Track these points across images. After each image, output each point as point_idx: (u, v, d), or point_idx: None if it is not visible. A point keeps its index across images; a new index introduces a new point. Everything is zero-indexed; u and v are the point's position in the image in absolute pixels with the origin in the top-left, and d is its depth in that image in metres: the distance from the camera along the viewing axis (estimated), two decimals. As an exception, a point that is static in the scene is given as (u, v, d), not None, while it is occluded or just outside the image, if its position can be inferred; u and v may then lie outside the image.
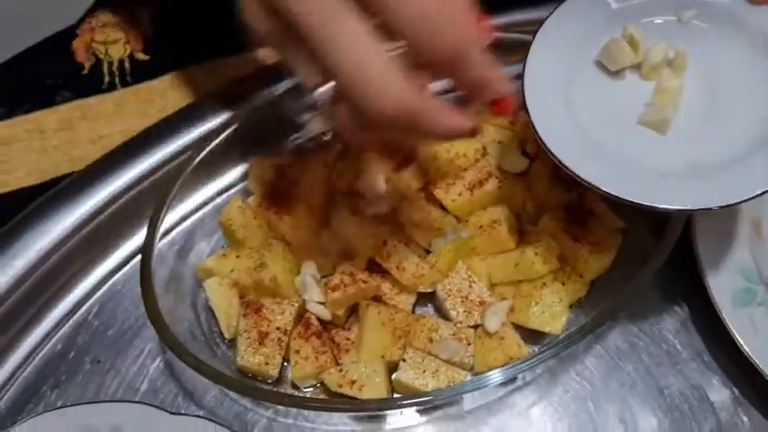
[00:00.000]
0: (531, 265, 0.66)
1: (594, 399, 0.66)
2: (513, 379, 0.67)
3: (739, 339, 0.63)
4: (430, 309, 0.70)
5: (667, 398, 0.66)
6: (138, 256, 0.69)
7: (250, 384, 0.64)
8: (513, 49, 0.71)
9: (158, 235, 0.67)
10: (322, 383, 0.65)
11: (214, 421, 0.62)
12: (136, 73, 0.88)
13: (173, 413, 0.62)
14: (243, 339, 0.65)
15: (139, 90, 0.87)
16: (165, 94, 0.86)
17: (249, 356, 0.65)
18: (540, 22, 0.65)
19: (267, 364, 0.65)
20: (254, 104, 0.73)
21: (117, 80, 0.88)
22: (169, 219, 0.74)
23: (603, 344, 0.69)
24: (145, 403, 0.63)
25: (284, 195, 0.72)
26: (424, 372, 0.63)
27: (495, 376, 0.58)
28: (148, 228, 0.66)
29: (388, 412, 0.66)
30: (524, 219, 0.73)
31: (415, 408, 0.66)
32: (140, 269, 0.65)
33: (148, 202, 0.70)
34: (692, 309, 0.70)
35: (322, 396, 0.66)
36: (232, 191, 0.78)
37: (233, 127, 0.72)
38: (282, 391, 0.66)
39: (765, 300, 0.66)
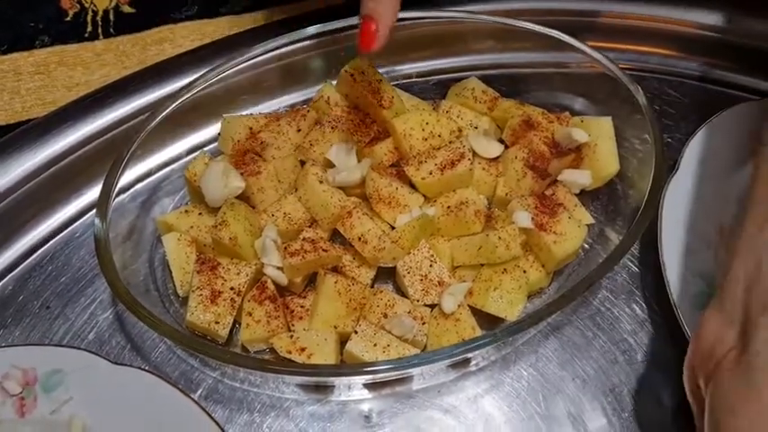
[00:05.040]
0: (493, 249, 0.65)
1: (546, 391, 0.65)
2: (466, 363, 0.66)
3: (695, 343, 0.63)
4: (390, 287, 0.70)
5: (618, 396, 0.65)
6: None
7: (197, 340, 0.63)
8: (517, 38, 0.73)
9: (116, 185, 0.65)
10: (272, 349, 0.64)
11: (156, 375, 0.61)
12: (119, 25, 0.87)
13: (115, 363, 0.61)
14: (195, 296, 0.64)
15: (121, 42, 0.86)
16: (146, 48, 0.85)
17: (199, 313, 0.63)
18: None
19: (217, 323, 0.63)
20: (232, 64, 0.72)
21: (100, 30, 0.87)
22: (136, 171, 0.73)
23: (560, 337, 0.68)
24: (86, 350, 0.62)
25: (253, 157, 0.71)
26: (375, 345, 0.62)
27: (444, 354, 0.58)
28: (106, 177, 0.65)
29: (335, 384, 0.65)
30: (494, 204, 0.72)
31: (362, 382, 0.65)
32: (95, 217, 0.63)
33: (117, 151, 0.69)
34: (651, 310, 0.69)
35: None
36: (205, 150, 0.76)
37: (205, 84, 0.70)
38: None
39: (725, 307, 0.65)
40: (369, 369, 0.59)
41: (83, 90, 0.81)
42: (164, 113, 0.68)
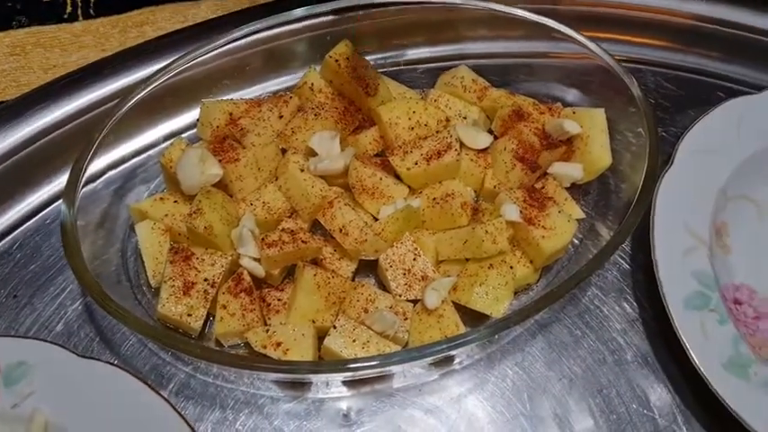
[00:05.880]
0: (479, 243, 0.62)
1: (531, 390, 0.63)
2: (449, 361, 0.64)
3: (687, 343, 0.60)
4: (371, 281, 0.67)
5: (606, 398, 0.63)
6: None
7: (167, 333, 0.60)
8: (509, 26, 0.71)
9: (84, 171, 0.62)
10: (247, 344, 0.61)
11: (124, 369, 0.58)
12: (100, 6, 0.84)
13: (81, 356, 0.58)
14: (167, 287, 0.61)
15: (100, 24, 0.83)
16: (126, 30, 0.82)
17: (171, 305, 0.61)
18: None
19: (190, 315, 0.61)
20: (211, 47, 0.69)
21: (79, 12, 0.84)
22: (110, 157, 0.70)
23: (547, 336, 0.66)
24: (52, 342, 0.59)
25: (232, 143, 0.68)
26: (354, 341, 0.60)
27: (426, 351, 0.55)
28: (74, 163, 0.62)
29: (312, 381, 0.62)
30: (481, 197, 0.70)
31: (340, 379, 0.62)
32: (62, 204, 0.61)
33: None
34: (642, 309, 0.67)
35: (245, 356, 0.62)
36: (182, 136, 0.73)
37: (182, 68, 0.68)
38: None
39: (719, 307, 0.63)
40: (347, 366, 0.56)
41: (59, 72, 0.78)
42: (136, 98, 0.66)
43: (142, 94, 0.66)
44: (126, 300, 0.63)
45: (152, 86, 0.66)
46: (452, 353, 0.62)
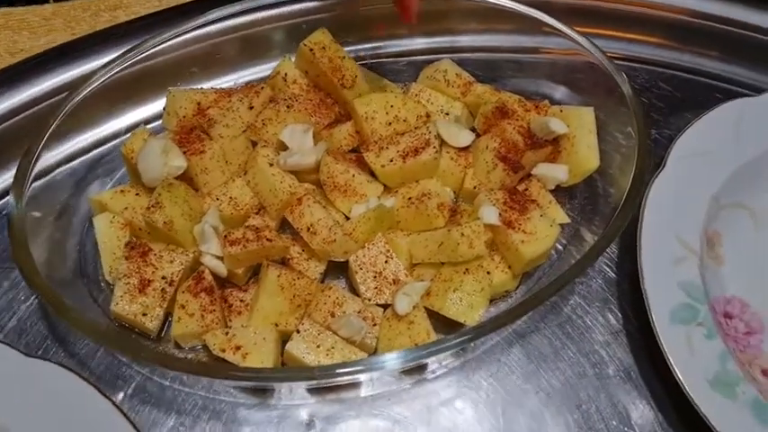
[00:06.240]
0: (455, 246, 0.59)
1: (506, 404, 0.60)
2: (421, 370, 0.61)
3: (671, 358, 0.57)
4: (342, 284, 0.64)
5: (585, 414, 0.59)
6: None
7: (117, 334, 0.57)
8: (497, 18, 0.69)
9: (35, 162, 0.59)
10: (207, 347, 0.58)
11: (71, 370, 0.55)
12: (73, -13, 0.81)
13: (27, 355, 0.55)
14: (121, 284, 0.58)
15: (71, 7, 0.80)
16: (98, 14, 0.78)
17: (125, 304, 0.57)
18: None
19: (145, 314, 0.57)
20: (177, 33, 0.66)
21: (51, -7, 0.81)
22: (71, 146, 0.67)
23: (526, 346, 0.62)
24: (-5, 340, 0.56)
25: (199, 135, 0.64)
26: (318, 347, 0.56)
27: (394, 360, 0.52)
28: (25, 153, 0.58)
29: (273, 386, 0.59)
30: (461, 197, 0.66)
31: (304, 385, 0.59)
32: (11, 196, 0.57)
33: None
34: (626, 320, 0.63)
35: (204, 359, 0.59)
36: (147, 127, 0.70)
37: (144, 54, 0.64)
38: (162, 349, 0.59)
39: (707, 320, 0.59)
40: (307, 374, 0.53)
41: (26, 56, 0.75)
42: (93, 85, 0.63)
43: (99, 82, 0.63)
44: (82, 297, 0.60)
45: (111, 73, 0.63)
46: (423, 362, 0.59)
